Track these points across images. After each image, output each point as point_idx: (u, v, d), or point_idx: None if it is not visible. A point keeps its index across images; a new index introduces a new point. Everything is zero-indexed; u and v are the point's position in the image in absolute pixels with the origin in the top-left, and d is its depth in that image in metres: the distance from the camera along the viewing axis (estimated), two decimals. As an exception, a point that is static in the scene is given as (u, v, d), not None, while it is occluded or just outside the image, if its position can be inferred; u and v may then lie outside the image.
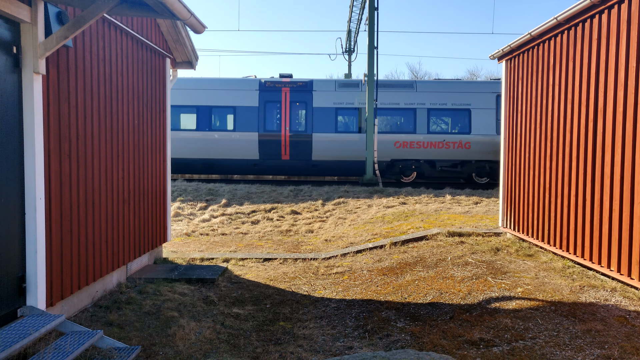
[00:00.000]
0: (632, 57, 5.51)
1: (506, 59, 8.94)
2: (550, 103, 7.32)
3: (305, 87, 18.39)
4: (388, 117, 18.63)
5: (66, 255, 4.86)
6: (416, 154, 18.23)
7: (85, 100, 5.21)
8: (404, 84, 18.85)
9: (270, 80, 18.57)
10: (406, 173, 18.53)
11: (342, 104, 18.26)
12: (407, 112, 18.28)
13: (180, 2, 4.39)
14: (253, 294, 6.31)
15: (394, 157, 18.25)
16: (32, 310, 4.27)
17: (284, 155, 18.24)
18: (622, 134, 5.67)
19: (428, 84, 18.74)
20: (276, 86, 18.36)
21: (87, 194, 5.27)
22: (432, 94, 18.09)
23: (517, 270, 6.47)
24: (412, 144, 18.16)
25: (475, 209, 11.58)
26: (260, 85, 18.35)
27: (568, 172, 6.80)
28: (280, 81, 18.52)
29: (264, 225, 11.11)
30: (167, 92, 7.76)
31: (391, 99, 18.24)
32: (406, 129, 18.31)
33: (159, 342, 4.63)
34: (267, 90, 18.31)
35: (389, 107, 18.27)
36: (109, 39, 5.74)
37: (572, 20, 6.68)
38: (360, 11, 23.39)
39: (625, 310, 4.94)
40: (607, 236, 5.90)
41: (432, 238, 8.47)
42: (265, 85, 18.35)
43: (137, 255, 6.75)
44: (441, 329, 4.77)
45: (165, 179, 7.78)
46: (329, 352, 4.52)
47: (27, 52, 4.23)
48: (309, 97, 18.28)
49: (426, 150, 18.14)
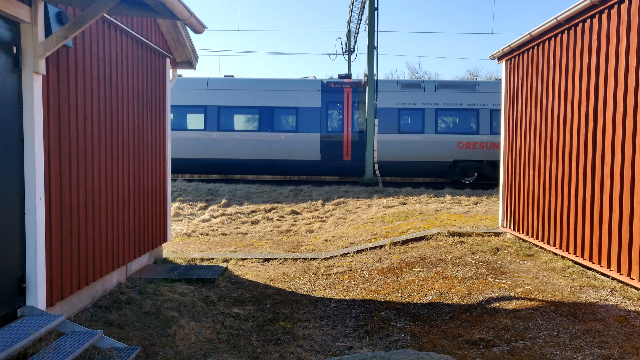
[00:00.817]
0: (632, 57, 5.51)
1: (506, 59, 8.94)
2: (550, 103, 7.32)
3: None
4: (450, 117, 18.58)
5: (66, 256, 4.86)
6: (478, 154, 18.17)
7: (85, 100, 5.21)
8: (466, 85, 18.84)
9: (332, 80, 18.61)
10: (467, 174, 18.49)
11: (405, 105, 18.22)
12: (469, 112, 18.24)
13: (180, 2, 4.39)
14: (253, 294, 6.31)
15: (456, 157, 18.24)
16: (32, 310, 4.27)
17: (346, 156, 18.24)
18: (622, 134, 5.67)
19: (491, 85, 18.66)
20: (338, 87, 18.38)
21: (87, 194, 5.27)
22: (495, 95, 17.95)
23: (517, 270, 6.47)
24: (474, 145, 18.12)
25: (475, 209, 11.58)
26: (322, 86, 18.36)
27: (568, 172, 6.80)
28: (342, 82, 18.53)
29: (264, 225, 11.11)
30: (167, 92, 7.76)
31: (453, 100, 18.17)
32: (468, 129, 18.30)
33: (159, 342, 4.63)
34: (329, 91, 18.33)
35: (451, 107, 18.20)
36: (109, 39, 5.74)
37: (572, 20, 6.68)
38: (360, 11, 23.39)
39: (625, 310, 4.94)
40: (607, 236, 5.90)
41: (432, 238, 8.47)
42: (327, 86, 18.37)
43: (137, 255, 6.75)
44: (441, 329, 4.77)
45: (165, 179, 7.78)
46: (329, 352, 4.52)
47: (27, 52, 4.23)
48: None
49: (489, 151, 18.07)
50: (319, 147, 18.12)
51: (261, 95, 18.16)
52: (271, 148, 18.06)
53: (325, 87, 18.34)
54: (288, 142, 18.07)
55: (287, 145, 18.07)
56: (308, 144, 18.07)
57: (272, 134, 18.06)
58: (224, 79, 18.97)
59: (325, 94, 18.26)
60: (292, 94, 18.16)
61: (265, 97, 18.16)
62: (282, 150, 18.10)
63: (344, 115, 18.25)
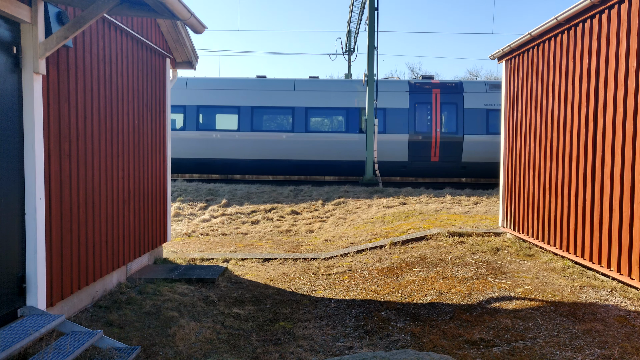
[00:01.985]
0: (632, 57, 5.51)
1: (506, 59, 8.94)
2: (550, 103, 7.32)
3: (455, 89, 18.37)
4: None
5: (66, 255, 4.86)
6: None
7: (85, 100, 5.21)
8: None
9: (419, 81, 18.60)
10: None
11: (493, 106, 18.14)
12: None
13: (180, 2, 4.39)
14: (253, 294, 6.31)
15: None
16: (32, 310, 4.27)
17: (433, 157, 18.20)
18: (622, 134, 5.67)
19: None
20: (425, 87, 18.34)
21: (87, 194, 5.27)
22: None
23: (517, 270, 6.47)
24: None
25: (475, 209, 11.58)
26: (410, 86, 18.35)
27: (568, 172, 6.80)
28: (429, 82, 18.51)
29: (264, 226, 11.10)
30: (167, 92, 7.76)
31: None
32: None
33: (159, 342, 4.63)
34: (417, 91, 18.29)
35: None
36: (109, 39, 5.74)
37: (572, 21, 6.68)
38: (360, 11, 23.38)
39: (625, 310, 4.94)
40: (607, 236, 5.90)
41: (432, 238, 8.47)
42: (415, 87, 18.35)
43: (137, 255, 6.75)
44: (441, 329, 4.77)
45: (165, 179, 7.78)
46: (329, 352, 4.51)
47: (27, 52, 4.23)
48: (459, 99, 18.23)
49: None
50: (407, 148, 18.11)
51: (346, 97, 18.20)
52: (361, 149, 18.04)
53: (412, 87, 18.33)
54: (377, 144, 18.01)
55: (376, 146, 18.04)
56: (396, 145, 18.04)
57: (361, 135, 18.05)
58: (309, 80, 19.00)
59: (413, 94, 18.24)
60: (379, 95, 18.09)
61: (352, 98, 18.21)
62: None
63: (433, 116, 18.18)
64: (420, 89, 18.30)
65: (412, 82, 18.47)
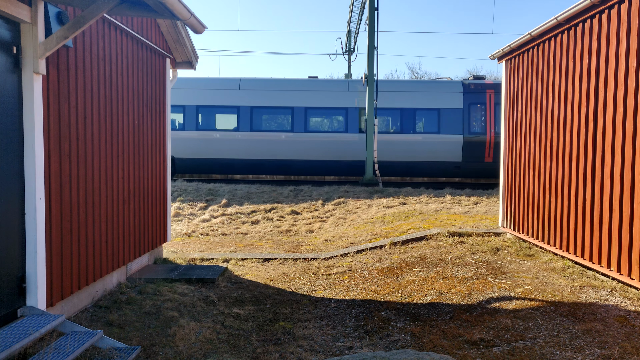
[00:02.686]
0: (632, 57, 5.51)
1: (506, 59, 8.94)
2: (550, 103, 7.32)
3: None
4: None
5: (66, 256, 4.86)
6: None
7: (85, 100, 5.21)
8: None
9: (473, 82, 18.60)
10: None
11: None
12: None
13: (180, 2, 4.39)
14: (253, 294, 6.31)
15: None
16: (32, 311, 4.27)
17: (487, 158, 18.14)
18: (622, 134, 5.67)
19: None
20: (479, 88, 18.32)
21: (87, 194, 5.27)
22: None
23: (517, 270, 6.47)
24: None
25: (475, 209, 11.58)
26: (463, 87, 18.34)
27: (568, 172, 6.80)
28: (483, 83, 18.51)
29: (264, 226, 11.10)
30: (167, 92, 7.76)
31: None
32: None
33: (159, 342, 4.63)
34: (471, 92, 18.28)
35: None
36: (109, 39, 5.74)
37: (572, 21, 6.68)
38: (360, 11, 23.38)
39: (625, 310, 4.94)
40: (607, 236, 5.90)
41: (432, 238, 8.47)
42: (469, 87, 18.33)
43: (137, 255, 6.75)
44: (441, 329, 4.77)
45: (165, 179, 7.78)
46: (329, 352, 4.51)
47: (27, 52, 4.23)
48: None
49: None
50: (461, 148, 18.07)
51: (401, 97, 18.23)
52: (413, 149, 18.05)
53: (466, 88, 18.30)
54: (430, 144, 18.04)
55: (429, 147, 18.02)
56: (450, 145, 18.01)
57: (413, 136, 18.08)
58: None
59: (467, 95, 18.21)
60: (432, 95, 18.09)
61: (406, 98, 18.24)
62: (424, 152, 18.05)
63: (487, 116, 18.13)
64: (474, 89, 18.30)
65: (465, 82, 18.45)
